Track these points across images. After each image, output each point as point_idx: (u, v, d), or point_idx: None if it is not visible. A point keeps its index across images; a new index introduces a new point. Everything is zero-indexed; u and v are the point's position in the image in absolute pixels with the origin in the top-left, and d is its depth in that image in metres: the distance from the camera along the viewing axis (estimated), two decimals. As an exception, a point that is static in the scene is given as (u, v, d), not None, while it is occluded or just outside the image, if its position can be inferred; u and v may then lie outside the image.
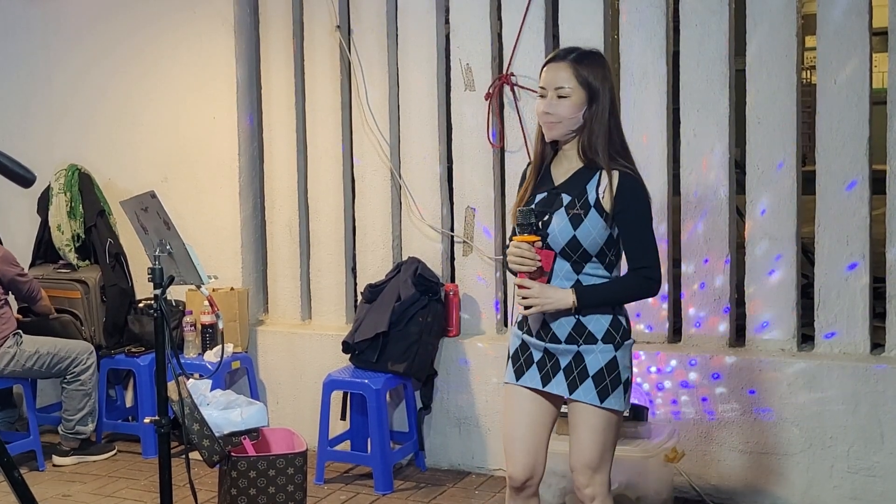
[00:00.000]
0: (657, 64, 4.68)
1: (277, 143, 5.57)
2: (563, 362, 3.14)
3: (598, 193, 3.08)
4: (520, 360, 3.24)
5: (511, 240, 3.14)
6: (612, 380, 3.11)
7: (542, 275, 3.09)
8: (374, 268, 5.34)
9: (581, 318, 3.11)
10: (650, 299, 4.68)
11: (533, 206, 3.14)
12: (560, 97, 3.09)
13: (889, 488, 4.25)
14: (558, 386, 3.16)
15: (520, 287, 3.09)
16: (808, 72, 10.75)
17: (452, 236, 5.20)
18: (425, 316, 4.94)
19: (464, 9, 5.05)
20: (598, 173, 3.11)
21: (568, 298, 3.07)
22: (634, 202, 3.09)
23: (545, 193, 3.16)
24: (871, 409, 4.27)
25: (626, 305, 3.21)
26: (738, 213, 4.73)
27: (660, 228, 4.70)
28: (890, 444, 4.25)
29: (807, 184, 4.50)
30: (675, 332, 4.80)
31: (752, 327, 4.59)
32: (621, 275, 3.19)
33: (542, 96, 3.14)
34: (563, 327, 3.13)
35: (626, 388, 3.16)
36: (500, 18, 5.02)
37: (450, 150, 5.24)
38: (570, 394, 3.14)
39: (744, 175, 4.58)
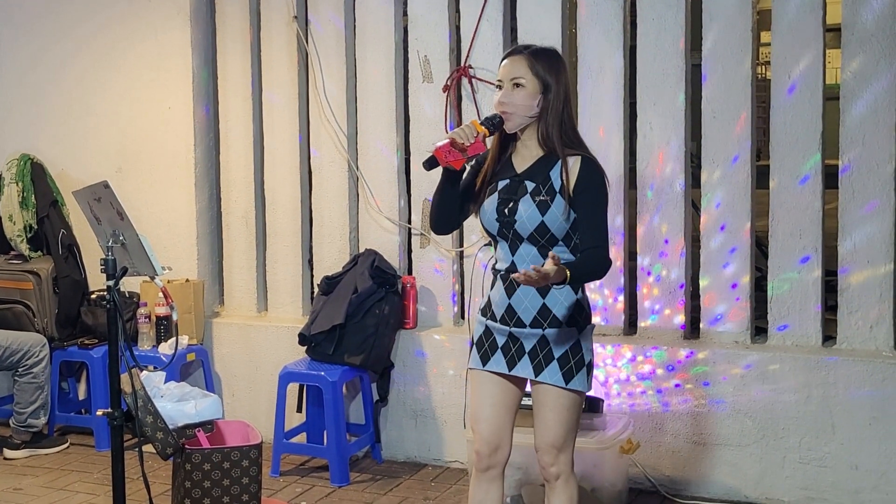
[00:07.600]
0: (614, 57, 4.70)
1: (234, 134, 5.52)
2: (528, 346, 3.23)
3: (561, 179, 3.18)
4: (484, 346, 3.32)
5: None
6: (576, 362, 3.21)
7: (462, 155, 3.17)
8: (331, 259, 5.32)
9: (546, 301, 3.19)
10: (606, 291, 4.75)
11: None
12: (515, 86, 3.20)
13: (840, 479, 4.31)
14: (524, 369, 3.25)
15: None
16: (763, 67, 10.87)
17: (410, 228, 5.19)
18: (382, 308, 4.93)
19: (422, 1, 5.04)
20: (559, 160, 3.21)
21: (562, 273, 3.00)
22: (593, 185, 3.19)
23: (507, 181, 3.26)
24: (822, 400, 4.32)
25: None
26: (694, 207, 4.77)
27: (616, 221, 4.73)
28: (841, 435, 4.30)
29: (761, 178, 4.55)
30: (631, 325, 4.83)
31: (706, 320, 4.63)
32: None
33: (499, 88, 3.25)
34: (528, 311, 3.21)
35: (589, 369, 3.26)
36: (458, 10, 5.02)
37: (407, 142, 5.22)
38: (536, 376, 3.23)
39: (699, 169, 4.63)
